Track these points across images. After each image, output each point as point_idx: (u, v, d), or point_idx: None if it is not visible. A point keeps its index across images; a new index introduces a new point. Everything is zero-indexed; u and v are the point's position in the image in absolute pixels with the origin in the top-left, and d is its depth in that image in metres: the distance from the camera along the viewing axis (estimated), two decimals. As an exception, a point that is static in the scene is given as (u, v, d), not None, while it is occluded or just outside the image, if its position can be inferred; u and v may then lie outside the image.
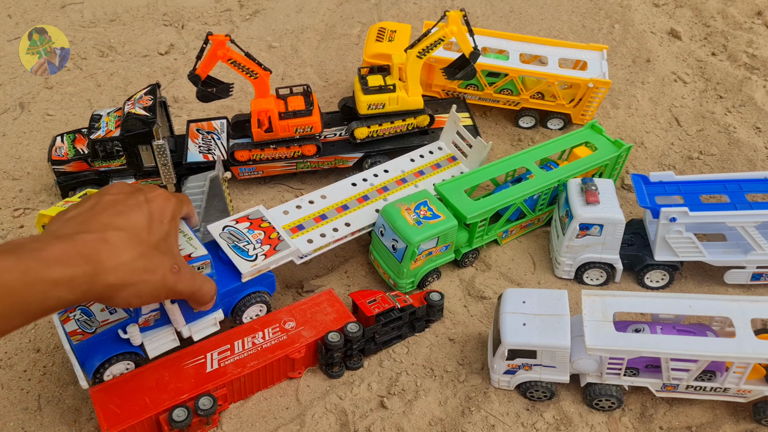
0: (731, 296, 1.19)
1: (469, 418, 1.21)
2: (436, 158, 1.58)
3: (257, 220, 1.28)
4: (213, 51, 1.46)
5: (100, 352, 1.12)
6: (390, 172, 1.52)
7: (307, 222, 1.37)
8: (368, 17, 2.27)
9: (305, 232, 1.35)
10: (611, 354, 1.13)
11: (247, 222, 1.27)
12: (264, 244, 1.24)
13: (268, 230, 1.27)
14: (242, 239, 1.23)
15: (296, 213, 1.39)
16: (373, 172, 1.51)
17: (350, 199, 1.43)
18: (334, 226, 1.37)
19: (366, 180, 1.49)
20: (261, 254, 1.22)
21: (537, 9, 2.30)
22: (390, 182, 1.49)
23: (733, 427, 1.22)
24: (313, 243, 1.33)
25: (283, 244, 1.25)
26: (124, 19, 2.26)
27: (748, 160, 1.74)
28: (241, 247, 1.22)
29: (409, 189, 1.48)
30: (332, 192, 1.45)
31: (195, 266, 1.06)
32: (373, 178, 1.49)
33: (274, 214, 1.35)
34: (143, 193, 0.99)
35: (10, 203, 1.65)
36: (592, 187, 1.38)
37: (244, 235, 1.24)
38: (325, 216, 1.39)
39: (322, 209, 1.40)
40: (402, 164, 1.55)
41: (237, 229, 1.25)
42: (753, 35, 2.14)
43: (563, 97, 1.79)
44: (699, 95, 1.96)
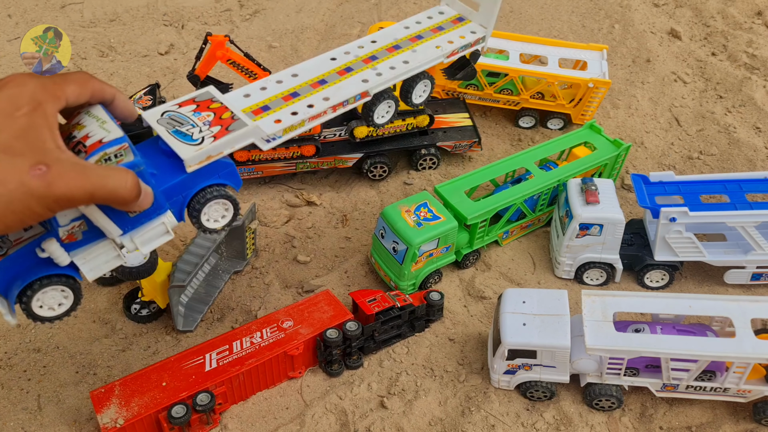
0: (731, 296, 1.19)
1: (469, 418, 1.21)
2: (436, 22, 1.30)
3: (206, 101, 1.01)
4: (212, 51, 1.46)
5: (19, 277, 0.87)
6: (378, 42, 1.23)
7: (274, 102, 1.08)
8: (368, 17, 2.27)
9: (271, 112, 1.07)
10: (611, 354, 1.13)
11: (193, 105, 1.00)
12: (213, 125, 0.97)
13: (220, 110, 0.99)
14: (185, 123, 0.96)
15: (259, 94, 1.09)
16: (358, 44, 1.22)
17: (329, 73, 1.15)
18: (309, 102, 1.09)
19: (348, 53, 1.20)
20: (209, 137, 0.95)
21: (537, 9, 2.30)
22: (380, 51, 1.21)
23: (733, 427, 1.22)
24: (281, 123, 1.04)
25: (239, 123, 0.97)
26: (124, 19, 2.26)
27: (748, 160, 1.74)
28: (184, 131, 0.95)
29: (404, 55, 1.21)
30: (306, 68, 1.16)
31: (108, 153, 0.80)
32: (357, 50, 1.21)
33: (231, 96, 1.07)
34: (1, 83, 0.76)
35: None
36: (592, 187, 1.38)
37: (188, 118, 0.97)
38: (296, 93, 1.10)
39: (293, 87, 1.12)
40: (394, 32, 1.26)
41: (179, 113, 0.98)
42: (753, 35, 2.14)
43: (563, 97, 1.79)
44: (699, 95, 1.96)
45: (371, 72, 1.16)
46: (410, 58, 1.20)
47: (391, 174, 1.71)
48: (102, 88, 0.84)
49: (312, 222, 1.60)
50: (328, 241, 1.55)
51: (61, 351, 1.32)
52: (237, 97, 1.08)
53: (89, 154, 0.78)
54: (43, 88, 0.76)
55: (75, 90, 0.80)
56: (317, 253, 1.53)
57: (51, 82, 0.77)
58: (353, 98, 1.12)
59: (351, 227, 1.59)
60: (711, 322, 1.26)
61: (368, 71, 1.16)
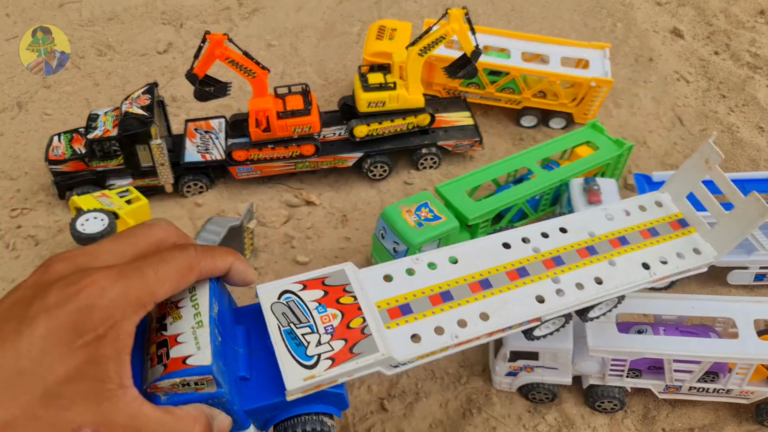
0: (734, 297, 1.18)
1: (471, 420, 1.20)
2: (650, 219, 0.97)
3: (337, 288, 0.76)
4: (211, 50, 1.45)
5: None
6: (570, 234, 0.91)
7: (419, 302, 0.79)
8: (368, 15, 2.26)
9: (411, 319, 0.77)
10: (614, 355, 1.12)
11: (321, 291, 0.75)
12: (336, 338, 0.72)
13: (350, 312, 0.73)
14: (303, 322, 0.72)
15: (404, 281, 0.81)
16: (541, 228, 0.91)
17: (497, 271, 0.85)
18: (462, 317, 0.79)
19: (528, 241, 0.89)
20: (326, 357, 0.70)
21: (539, 7, 2.28)
22: (568, 250, 0.88)
23: (735, 428, 1.21)
24: (420, 343, 0.76)
25: (367, 343, 0.71)
26: (122, 17, 2.25)
27: (751, 159, 1.73)
28: (299, 336, 0.71)
29: (599, 268, 0.89)
30: (469, 252, 0.86)
31: (187, 380, 0.62)
32: (540, 240, 0.89)
33: (368, 278, 0.79)
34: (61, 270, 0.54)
35: (8, 203, 1.64)
36: (595, 186, 1.37)
37: (309, 314, 0.73)
38: (449, 295, 0.81)
39: (448, 281, 0.82)
40: (590, 220, 0.94)
41: (301, 300, 0.75)
42: (756, 34, 2.12)
43: (565, 96, 1.78)
44: (702, 94, 1.95)
45: (550, 286, 0.85)
46: (606, 275, 0.87)
47: (392, 174, 1.70)
48: (211, 269, 0.63)
49: (311, 222, 1.59)
50: (327, 242, 1.54)
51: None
52: (376, 276, 0.81)
53: (167, 374, 0.62)
54: (125, 296, 0.53)
55: (171, 288, 0.58)
56: (317, 253, 1.52)
57: (139, 285, 0.54)
58: (518, 324, 0.83)
59: (351, 227, 1.58)
60: (714, 323, 1.25)
61: (547, 284, 0.85)
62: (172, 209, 1.62)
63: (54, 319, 0.50)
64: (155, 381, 0.61)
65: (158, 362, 0.62)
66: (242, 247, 1.44)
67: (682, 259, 0.94)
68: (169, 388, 0.62)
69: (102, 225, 1.34)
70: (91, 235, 1.33)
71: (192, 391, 0.63)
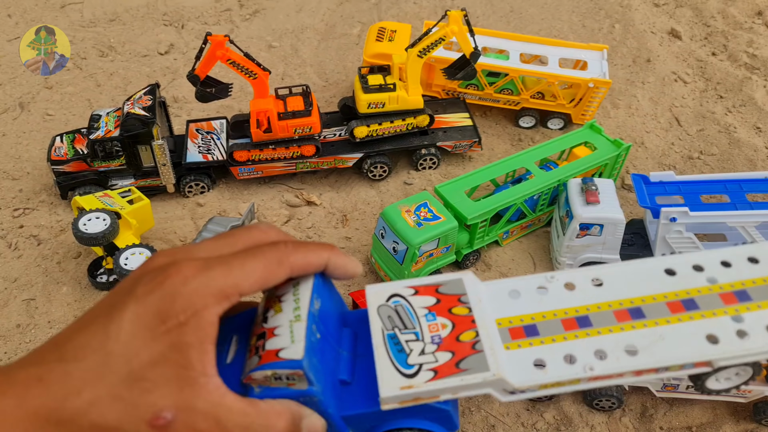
0: None
1: (469, 418, 1.21)
2: None
3: (451, 297, 0.67)
4: (212, 51, 1.46)
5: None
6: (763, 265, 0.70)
7: (549, 324, 0.66)
8: (368, 17, 2.27)
9: (537, 342, 0.65)
10: None
11: (434, 298, 0.67)
12: (442, 349, 0.64)
13: (462, 324, 0.65)
14: (409, 329, 0.66)
15: (533, 299, 0.68)
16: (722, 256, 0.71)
17: (653, 300, 0.68)
18: (602, 347, 0.63)
19: (701, 269, 0.68)
20: (429, 368, 0.63)
21: (537, 9, 2.30)
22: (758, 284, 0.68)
23: (733, 427, 1.22)
24: (545, 370, 0.63)
25: (477, 360, 0.63)
26: (123, 18, 2.26)
27: (749, 159, 1.74)
28: (402, 342, 0.65)
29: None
30: (618, 276, 0.69)
31: (279, 374, 0.59)
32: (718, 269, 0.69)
33: (491, 292, 0.68)
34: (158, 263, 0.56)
35: (10, 203, 1.65)
36: (592, 187, 1.38)
37: (417, 321, 0.66)
38: (587, 321, 0.66)
39: (587, 305, 0.67)
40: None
41: (410, 305, 0.68)
42: (753, 35, 2.13)
43: (563, 97, 1.79)
44: (699, 95, 1.96)
45: (729, 325, 0.65)
46: None
47: (391, 174, 1.71)
48: (304, 265, 0.60)
49: (312, 222, 1.60)
50: (328, 241, 1.55)
51: (61, 351, 1.32)
52: (500, 291, 0.69)
53: (262, 365, 0.60)
54: (208, 285, 0.54)
55: (257, 281, 0.56)
56: (317, 253, 1.53)
57: (222, 276, 0.54)
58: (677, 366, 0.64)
59: (351, 227, 1.59)
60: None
61: (725, 321, 0.66)
62: (174, 209, 1.63)
63: (141, 306, 0.52)
64: (250, 372, 0.60)
65: (255, 354, 0.61)
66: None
67: None
68: (263, 381, 0.60)
69: (104, 225, 1.35)
70: (92, 235, 1.34)
71: (284, 386, 0.60)
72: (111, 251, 1.38)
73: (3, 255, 1.52)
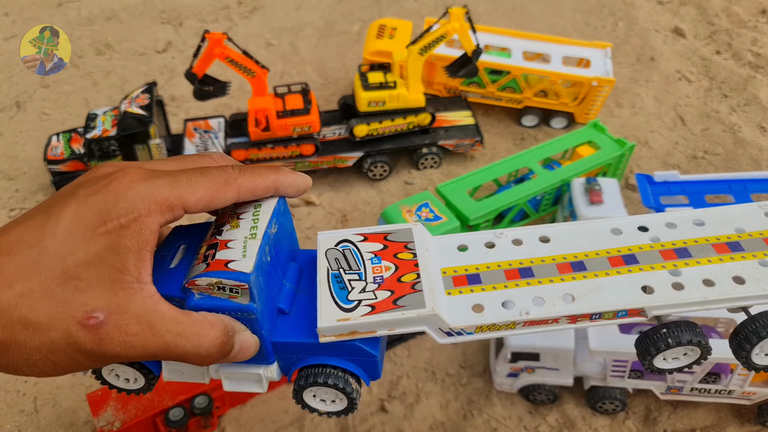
0: None
1: (471, 421, 1.19)
2: None
3: (398, 244, 0.70)
4: (210, 49, 1.44)
5: None
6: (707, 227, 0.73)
7: (492, 274, 0.69)
8: (368, 14, 2.25)
9: (478, 289, 0.68)
10: (615, 356, 1.12)
11: (381, 244, 0.70)
12: (384, 287, 0.67)
13: (405, 267, 0.67)
14: (353, 269, 0.69)
15: (480, 253, 0.71)
16: (668, 218, 0.73)
17: (596, 255, 0.71)
18: (540, 295, 0.67)
19: (645, 229, 0.71)
20: (366, 303, 0.66)
21: (540, 6, 2.28)
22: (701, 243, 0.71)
23: (737, 429, 1.20)
24: (482, 314, 0.66)
25: (414, 299, 0.65)
26: (121, 16, 2.24)
27: (753, 159, 1.73)
28: (345, 281, 0.67)
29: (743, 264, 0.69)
30: (565, 234, 0.72)
31: (223, 283, 0.61)
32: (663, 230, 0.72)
33: (439, 244, 0.72)
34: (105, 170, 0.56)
35: (6, 203, 1.63)
36: (596, 186, 1.36)
37: (362, 263, 0.69)
38: (529, 272, 0.69)
39: (531, 258, 0.70)
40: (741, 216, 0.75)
41: (357, 250, 0.71)
42: (757, 34, 2.11)
43: (567, 95, 1.78)
44: (704, 94, 1.94)
45: (666, 277, 0.67)
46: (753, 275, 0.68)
47: (392, 173, 1.70)
48: (252, 187, 0.61)
49: (311, 222, 1.58)
50: (327, 242, 1.54)
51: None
52: (449, 244, 0.72)
53: (209, 272, 0.61)
54: (152, 193, 0.54)
55: (203, 199, 0.57)
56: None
57: (168, 187, 0.55)
58: (613, 313, 0.66)
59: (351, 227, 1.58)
60: (716, 324, 1.24)
61: (662, 274, 0.67)
62: (172, 209, 1.62)
63: (82, 205, 0.52)
64: (194, 277, 0.61)
65: (203, 261, 0.62)
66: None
67: None
68: (205, 288, 0.61)
69: None
70: None
71: (225, 297, 0.62)
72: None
73: None
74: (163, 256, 0.67)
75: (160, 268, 0.65)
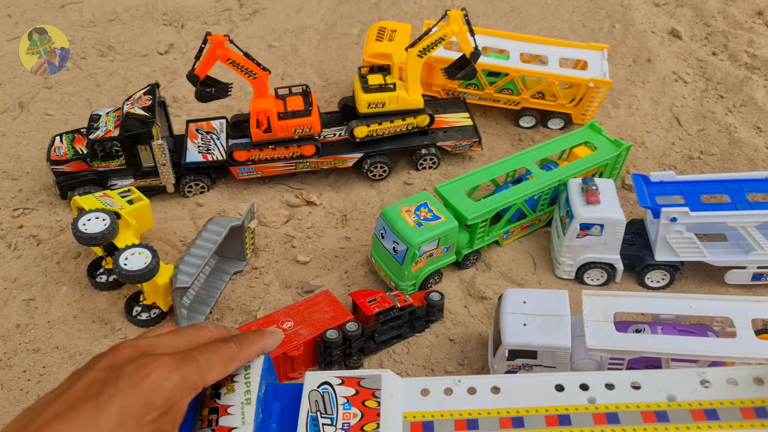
0: (732, 296, 1.18)
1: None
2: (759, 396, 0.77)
3: (368, 392, 0.83)
4: (212, 51, 1.46)
5: None
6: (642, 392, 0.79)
7: (443, 424, 0.81)
8: (368, 17, 2.27)
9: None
10: (612, 354, 1.13)
11: (354, 390, 0.84)
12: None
13: (369, 415, 0.80)
14: (328, 413, 0.83)
15: (438, 399, 0.83)
16: (608, 378, 0.81)
17: (536, 412, 0.79)
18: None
19: (586, 388, 0.80)
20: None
21: (537, 8, 2.29)
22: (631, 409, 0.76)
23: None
24: None
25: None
26: (123, 18, 2.26)
27: (749, 159, 1.74)
28: (320, 424, 0.82)
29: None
30: (514, 387, 0.83)
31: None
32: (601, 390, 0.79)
33: (405, 389, 0.85)
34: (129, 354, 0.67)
35: (10, 203, 1.65)
36: (593, 186, 1.37)
37: (335, 408, 0.83)
38: (475, 425, 0.79)
39: (480, 410, 0.81)
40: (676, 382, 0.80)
41: (334, 394, 0.84)
42: (754, 35, 2.13)
43: (564, 96, 1.79)
44: (700, 95, 1.96)
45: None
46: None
47: (391, 174, 1.71)
48: (249, 357, 0.79)
49: (312, 222, 1.60)
50: (328, 241, 1.55)
51: (61, 351, 1.32)
52: (413, 388, 0.85)
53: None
54: (185, 380, 0.67)
55: (218, 374, 0.73)
56: (317, 253, 1.53)
57: (194, 372, 0.68)
58: None
59: (351, 227, 1.59)
60: (712, 323, 1.25)
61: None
62: (174, 209, 1.63)
63: (127, 398, 0.62)
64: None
65: (207, 425, 0.77)
66: (243, 248, 1.45)
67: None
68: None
69: (104, 225, 1.34)
70: (92, 235, 1.33)
71: None
72: (110, 251, 1.38)
73: (2, 255, 1.52)
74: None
75: None
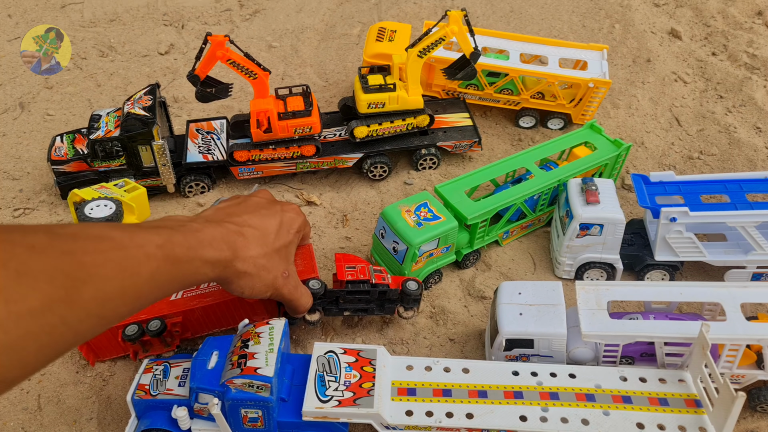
0: (721, 282, 1.20)
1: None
2: (664, 390, 1.07)
3: (365, 360, 1.08)
4: (212, 51, 1.46)
5: (149, 418, 1.07)
6: (577, 380, 1.08)
7: (424, 390, 1.06)
8: (368, 17, 2.27)
9: (413, 400, 1.05)
10: (606, 340, 1.13)
11: (355, 357, 1.08)
12: (350, 389, 1.03)
13: (366, 377, 1.05)
14: (333, 373, 1.06)
15: (420, 373, 1.10)
16: (552, 369, 1.10)
17: (496, 387, 1.07)
18: (451, 410, 1.03)
19: (536, 374, 1.09)
20: (336, 399, 1.02)
21: (537, 9, 2.30)
22: (568, 391, 1.05)
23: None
24: (411, 417, 1.02)
25: (367, 401, 1.01)
26: (124, 18, 2.26)
27: (749, 160, 1.74)
28: (326, 381, 1.04)
29: (591, 412, 1.02)
30: (481, 369, 1.11)
31: (253, 383, 0.98)
32: (547, 377, 1.08)
33: (394, 363, 1.11)
34: (281, 204, 1.16)
35: (10, 203, 1.65)
36: (593, 186, 1.38)
37: (340, 369, 1.06)
38: (449, 392, 1.06)
39: (452, 383, 1.07)
40: (602, 376, 1.09)
41: (338, 359, 1.08)
42: (753, 35, 2.13)
43: (563, 97, 1.79)
44: (699, 95, 1.96)
45: (537, 412, 1.02)
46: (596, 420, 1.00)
47: (392, 174, 1.71)
48: (310, 230, 1.29)
49: (312, 222, 1.60)
50: (328, 241, 1.55)
51: (61, 351, 1.32)
52: (399, 365, 1.11)
53: (243, 375, 0.99)
54: (305, 222, 1.21)
55: (308, 229, 1.27)
56: (317, 252, 1.53)
57: (305, 220, 1.22)
58: (495, 431, 1.01)
59: (351, 227, 1.59)
60: (702, 311, 1.27)
61: (535, 409, 1.02)
62: (174, 209, 1.63)
63: (286, 215, 1.14)
64: (232, 377, 0.99)
65: (237, 366, 1.00)
66: None
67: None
68: (239, 385, 0.99)
69: (110, 210, 1.39)
70: (99, 220, 1.36)
71: (252, 392, 0.99)
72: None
73: (3, 255, 1.52)
74: (203, 360, 1.05)
75: (201, 369, 1.03)
